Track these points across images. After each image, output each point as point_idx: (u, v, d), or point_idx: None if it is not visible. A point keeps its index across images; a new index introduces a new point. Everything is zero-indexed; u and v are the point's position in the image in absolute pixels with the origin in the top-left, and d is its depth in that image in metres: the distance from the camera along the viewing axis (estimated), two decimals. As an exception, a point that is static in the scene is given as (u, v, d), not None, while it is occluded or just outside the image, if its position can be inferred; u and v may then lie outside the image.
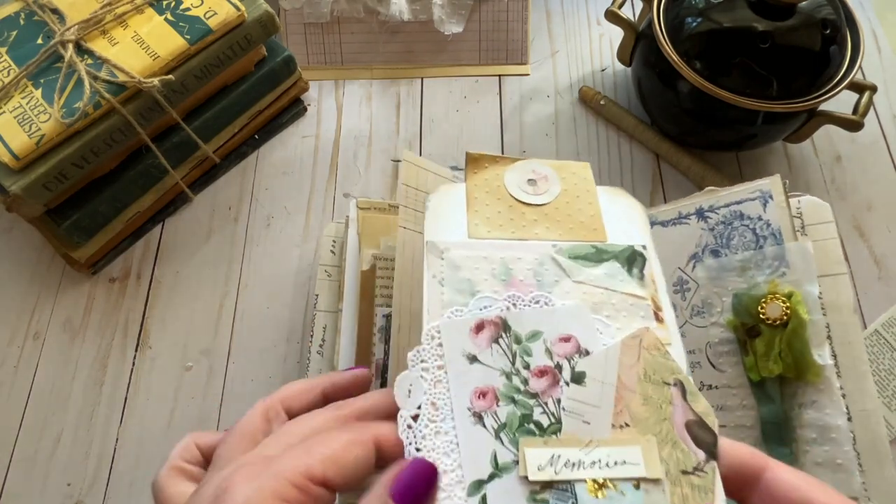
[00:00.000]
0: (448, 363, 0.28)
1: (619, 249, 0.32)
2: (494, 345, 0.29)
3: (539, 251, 0.32)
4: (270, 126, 0.62)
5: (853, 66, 0.51)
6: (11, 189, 0.46)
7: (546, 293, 0.30)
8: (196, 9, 0.51)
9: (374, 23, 0.64)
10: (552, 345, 0.29)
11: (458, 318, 0.29)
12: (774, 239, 0.39)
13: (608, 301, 0.30)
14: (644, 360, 0.28)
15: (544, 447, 0.26)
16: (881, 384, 0.50)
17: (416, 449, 0.26)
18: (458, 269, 0.31)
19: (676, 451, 0.26)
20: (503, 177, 0.34)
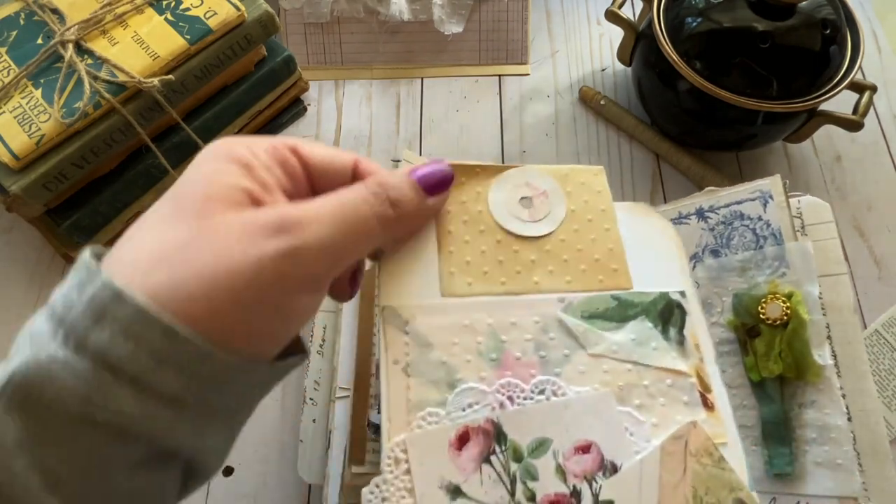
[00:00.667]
0: (420, 500, 0.20)
1: (649, 300, 0.23)
2: (485, 466, 0.20)
3: (541, 310, 0.23)
4: (270, 126, 0.62)
5: (853, 66, 0.51)
6: (11, 189, 0.46)
7: (553, 377, 0.22)
8: (196, 9, 0.51)
9: (374, 23, 0.64)
10: (566, 459, 0.21)
11: (432, 426, 0.21)
12: (774, 239, 0.39)
13: (640, 383, 0.22)
14: (692, 473, 0.20)
15: None
16: (881, 384, 0.50)
17: None
18: (429, 347, 0.22)
19: None
20: (487, 197, 0.25)
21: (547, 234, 0.25)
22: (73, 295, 0.21)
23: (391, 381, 0.22)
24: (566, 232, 0.25)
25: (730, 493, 0.20)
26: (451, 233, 0.24)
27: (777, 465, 0.36)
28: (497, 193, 0.25)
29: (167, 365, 0.20)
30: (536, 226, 0.25)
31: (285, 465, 0.48)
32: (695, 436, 0.21)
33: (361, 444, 0.42)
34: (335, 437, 0.42)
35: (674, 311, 0.23)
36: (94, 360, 0.19)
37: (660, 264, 0.25)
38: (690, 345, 0.23)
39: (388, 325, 0.23)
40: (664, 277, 0.24)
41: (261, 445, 0.49)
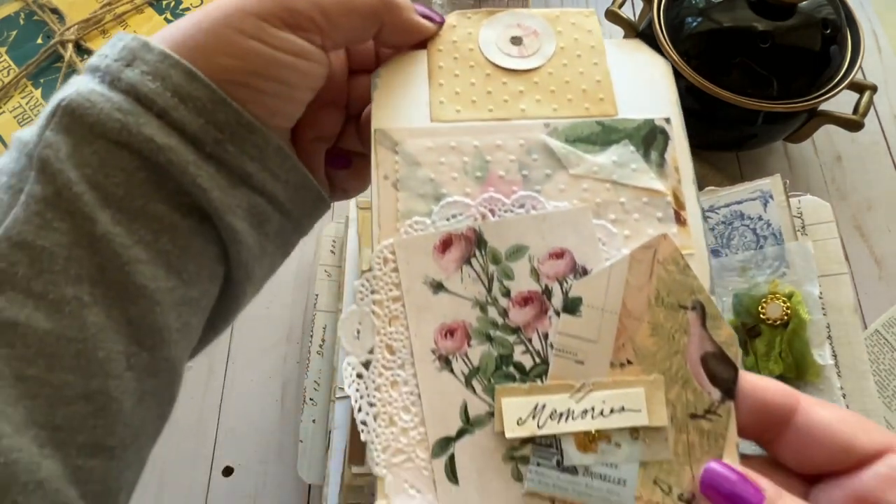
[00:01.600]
0: (406, 293, 0.22)
1: (633, 126, 0.24)
2: (465, 267, 0.23)
3: (526, 134, 0.24)
4: (270, 126, 0.62)
5: (853, 66, 0.51)
6: (11, 189, 0.46)
7: (534, 192, 0.23)
8: (196, 8, 0.51)
9: (374, 23, 0.64)
10: (540, 263, 0.23)
11: (418, 233, 0.23)
12: (775, 239, 0.39)
13: (616, 200, 0.23)
14: (657, 279, 0.22)
15: (526, 396, 0.21)
16: (881, 384, 0.50)
17: (368, 404, 0.22)
18: (417, 165, 0.24)
19: (687, 392, 0.21)
20: (478, 36, 0.26)
21: (535, 68, 0.26)
22: (107, 50, 0.23)
23: (381, 194, 0.24)
24: (555, 66, 0.26)
25: (690, 296, 0.22)
26: (442, 68, 0.26)
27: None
28: (487, 32, 0.26)
29: (188, 102, 0.22)
30: (525, 60, 0.26)
31: (285, 465, 0.48)
32: (664, 246, 0.22)
33: (361, 445, 0.41)
34: (335, 437, 0.42)
35: (657, 136, 0.25)
36: (126, 92, 0.22)
37: (647, 94, 0.26)
38: (670, 167, 0.24)
39: (380, 146, 0.24)
40: (650, 106, 0.25)
41: (261, 445, 0.49)
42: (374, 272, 0.23)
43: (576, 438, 0.21)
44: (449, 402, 0.22)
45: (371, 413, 0.22)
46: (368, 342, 0.22)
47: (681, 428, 0.21)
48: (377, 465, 0.22)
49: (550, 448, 0.21)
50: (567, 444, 0.21)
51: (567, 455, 0.21)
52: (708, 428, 0.21)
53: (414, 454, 0.21)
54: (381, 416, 0.22)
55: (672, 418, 0.21)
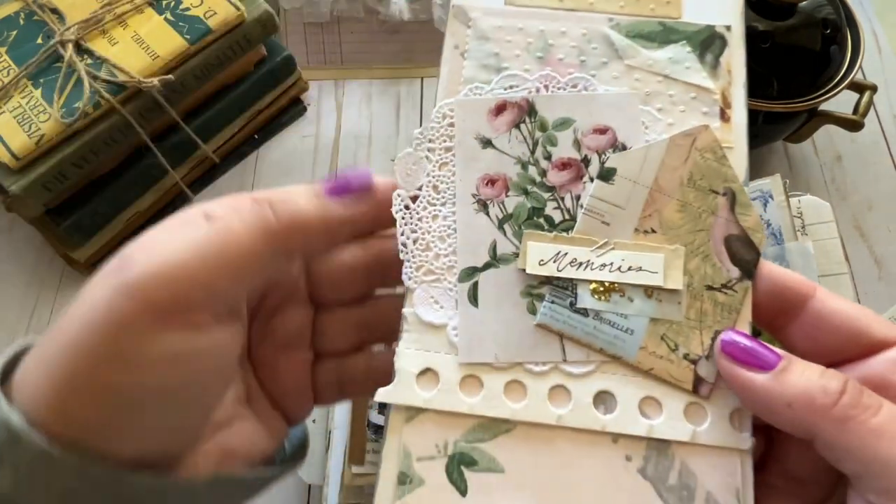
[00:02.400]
0: (458, 145, 0.24)
1: (693, 30, 0.25)
2: (514, 130, 0.25)
3: (589, 25, 0.25)
4: (270, 126, 0.62)
5: (853, 66, 0.51)
6: (11, 189, 0.46)
7: (588, 75, 0.25)
8: (196, 9, 0.51)
9: (374, 22, 0.64)
10: (583, 136, 0.24)
11: (476, 97, 0.25)
12: (775, 239, 0.39)
13: (665, 92, 0.24)
14: (693, 163, 0.23)
15: (551, 242, 0.23)
16: (881, 384, 0.50)
17: (411, 230, 0.24)
18: (485, 40, 0.25)
19: (706, 265, 0.23)
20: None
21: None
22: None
23: (449, 60, 0.26)
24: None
25: (723, 183, 0.23)
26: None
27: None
28: None
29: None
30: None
31: (285, 466, 0.48)
32: (705, 135, 0.24)
33: (361, 445, 0.42)
34: (335, 437, 0.42)
35: (715, 41, 0.25)
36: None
37: (711, 3, 0.26)
38: (723, 70, 0.25)
39: (454, 20, 0.26)
40: (715, 13, 0.26)
41: (261, 445, 0.49)
42: (432, 124, 0.25)
43: (591, 286, 0.23)
44: (480, 238, 0.24)
45: (411, 238, 0.24)
46: (418, 181, 0.24)
47: (696, 295, 0.22)
48: (410, 280, 0.24)
49: (566, 290, 0.23)
50: (582, 289, 0.23)
51: (580, 298, 0.22)
52: (723, 300, 0.22)
53: (443, 276, 0.24)
54: (420, 241, 0.24)
55: (689, 286, 0.22)
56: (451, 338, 0.23)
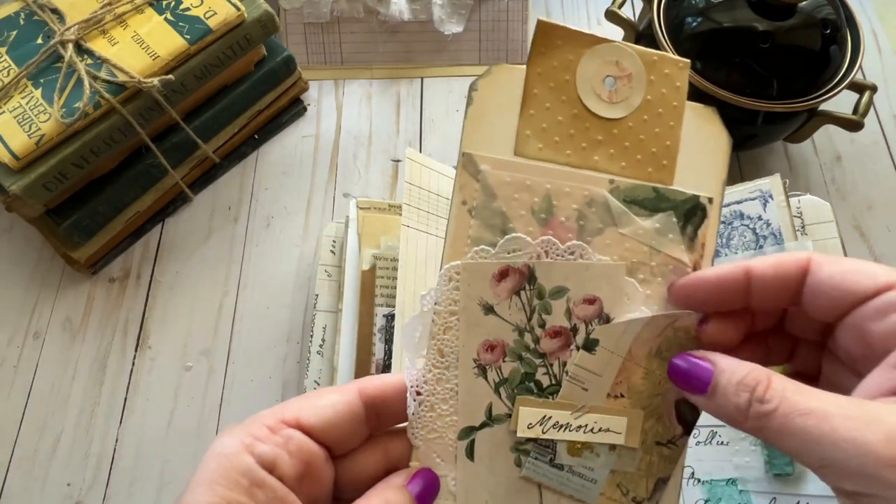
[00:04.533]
0: (462, 311, 0.26)
1: (681, 199, 0.27)
2: (515, 297, 0.27)
3: (593, 187, 0.27)
4: (270, 126, 0.62)
5: (853, 66, 0.51)
6: (11, 189, 0.46)
7: (584, 243, 0.27)
8: (196, 9, 0.51)
9: (374, 23, 0.64)
10: (575, 305, 0.27)
11: (482, 261, 0.27)
12: (774, 238, 0.39)
13: (648, 262, 0.27)
14: (664, 337, 0.26)
15: (539, 407, 0.27)
16: (881, 384, 0.50)
17: (416, 392, 0.26)
18: (493, 197, 0.27)
19: (658, 425, 0.27)
20: (577, 66, 0.27)
21: (619, 118, 0.27)
22: None
23: (457, 217, 0.27)
24: (636, 120, 0.27)
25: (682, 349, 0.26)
26: (536, 95, 0.27)
27: (777, 465, 0.36)
28: (587, 65, 0.27)
29: None
30: (613, 108, 0.27)
31: (285, 465, 0.48)
32: (686, 319, 0.26)
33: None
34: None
35: (697, 212, 0.27)
36: None
37: (703, 168, 0.27)
38: (699, 243, 0.27)
39: (464, 171, 0.27)
40: (701, 182, 0.27)
41: (261, 445, 0.49)
42: (439, 287, 0.27)
43: (568, 445, 0.26)
44: (479, 401, 0.27)
45: (418, 400, 0.27)
46: (424, 344, 0.27)
47: (647, 450, 0.27)
48: (415, 438, 0.27)
49: (548, 448, 0.26)
50: (561, 447, 0.26)
51: (559, 455, 0.26)
52: (667, 454, 0.27)
53: (445, 435, 0.27)
54: (425, 403, 0.27)
55: (643, 442, 0.26)
56: (450, 487, 0.26)
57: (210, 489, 0.22)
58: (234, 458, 0.23)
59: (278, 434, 0.24)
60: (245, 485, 0.22)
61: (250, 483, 0.23)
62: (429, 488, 0.26)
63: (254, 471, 0.23)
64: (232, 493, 0.22)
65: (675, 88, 0.27)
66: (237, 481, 0.22)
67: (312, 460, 0.25)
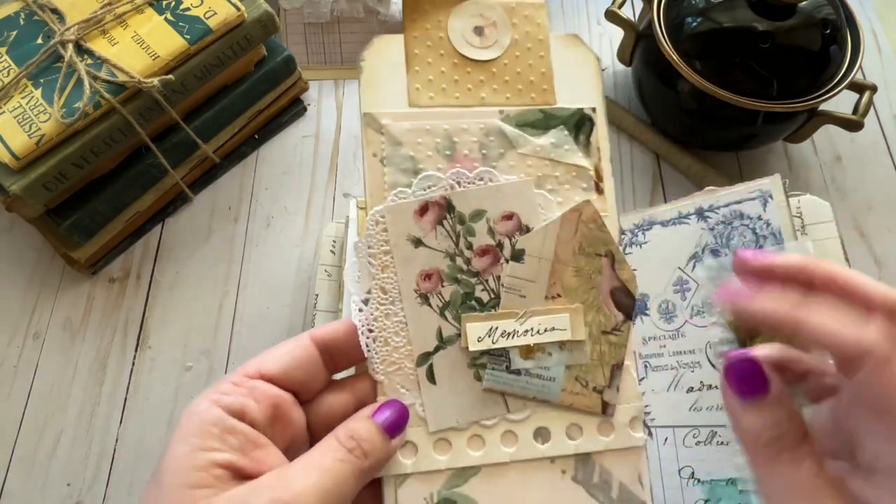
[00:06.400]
0: (394, 248, 0.29)
1: (567, 114, 0.31)
2: (439, 227, 0.29)
3: (485, 119, 0.30)
4: (270, 126, 0.62)
5: (853, 66, 0.51)
6: (11, 189, 0.46)
7: (491, 168, 0.30)
8: (196, 9, 0.51)
9: (374, 23, 0.64)
10: (495, 223, 0.29)
11: (402, 201, 0.29)
12: (774, 239, 0.39)
13: (552, 174, 0.30)
14: (581, 234, 0.29)
15: (483, 321, 0.29)
16: (881, 384, 0.50)
17: (368, 329, 0.28)
18: (399, 145, 0.30)
19: (599, 315, 0.29)
20: (447, 25, 0.31)
21: (494, 59, 0.31)
22: None
23: (371, 169, 0.30)
24: (509, 57, 0.31)
25: (604, 246, 0.29)
26: (417, 55, 0.31)
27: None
28: (455, 22, 0.31)
29: None
30: (486, 51, 0.31)
31: (285, 465, 0.48)
32: (587, 209, 0.29)
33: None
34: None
35: (585, 122, 0.31)
36: None
37: (579, 85, 0.31)
38: (594, 147, 0.31)
39: (368, 128, 0.30)
40: (581, 96, 0.31)
41: (261, 445, 0.49)
42: (368, 232, 0.29)
43: (519, 350, 0.29)
44: (428, 327, 0.29)
45: (370, 336, 0.28)
46: (366, 285, 0.29)
47: (595, 341, 0.29)
48: (377, 374, 0.28)
49: (501, 357, 0.29)
50: (513, 354, 0.28)
51: (513, 361, 0.28)
52: (614, 340, 0.29)
53: (403, 365, 0.28)
54: (379, 339, 0.28)
55: (589, 335, 0.29)
56: (419, 413, 0.28)
57: (185, 442, 0.24)
58: (205, 413, 0.25)
59: (243, 386, 0.26)
60: (216, 433, 0.24)
61: (221, 431, 0.24)
62: (396, 418, 0.27)
63: (224, 419, 0.25)
64: (205, 441, 0.24)
65: (537, 25, 0.31)
66: (209, 431, 0.24)
67: (280, 404, 0.26)
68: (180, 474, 0.23)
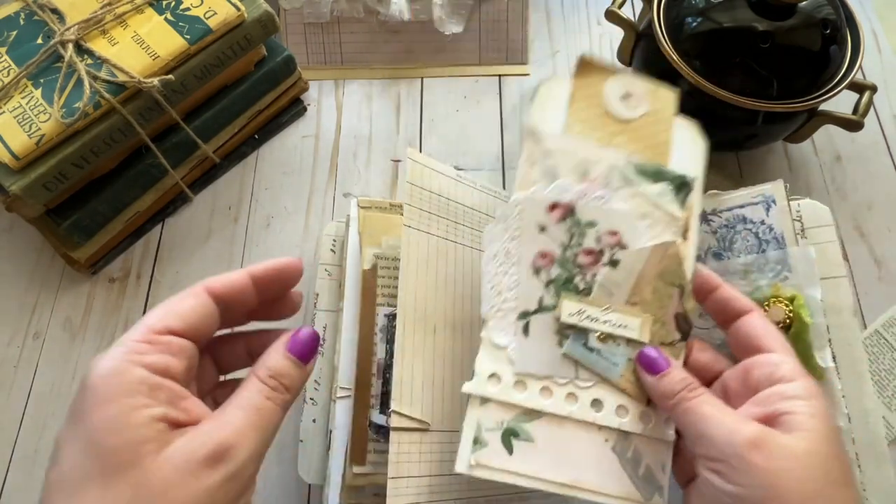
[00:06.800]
0: (524, 227, 0.36)
1: (674, 175, 0.38)
2: (561, 223, 0.37)
3: (614, 160, 0.38)
4: (270, 126, 0.62)
5: (853, 66, 0.51)
6: (11, 189, 0.46)
7: (609, 194, 0.37)
8: (196, 9, 0.51)
9: (374, 23, 0.64)
10: (602, 235, 0.37)
11: (539, 195, 0.37)
12: (777, 243, 0.39)
13: (653, 213, 0.37)
14: (663, 264, 0.36)
15: (577, 302, 0.36)
16: (881, 384, 0.50)
17: (489, 280, 0.36)
18: (549, 155, 0.37)
19: (663, 329, 0.36)
20: (604, 86, 0.39)
21: (631, 119, 0.39)
22: None
23: (524, 166, 0.37)
24: (643, 122, 0.39)
25: (678, 280, 0.36)
26: (578, 99, 0.39)
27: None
28: (611, 86, 0.39)
29: None
30: (628, 113, 0.39)
31: (285, 465, 0.48)
32: (673, 248, 0.36)
33: (362, 444, 0.42)
34: (335, 437, 0.42)
35: (685, 186, 0.38)
36: None
37: (687, 158, 0.39)
38: (688, 206, 0.38)
39: (529, 137, 0.38)
40: (688, 166, 0.39)
41: (261, 445, 0.49)
42: (508, 210, 0.37)
43: (598, 334, 0.35)
44: (534, 293, 0.36)
45: (490, 285, 0.36)
46: (496, 247, 0.36)
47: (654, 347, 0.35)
48: (487, 313, 0.36)
49: (582, 334, 0.35)
50: (592, 335, 0.35)
51: (590, 340, 0.35)
52: (669, 352, 0.35)
53: (508, 315, 0.36)
54: (496, 288, 0.36)
55: (651, 340, 0.35)
56: (510, 355, 0.35)
57: (113, 403, 0.24)
58: (125, 374, 0.25)
59: (159, 343, 0.26)
60: (145, 391, 0.24)
61: (150, 388, 0.25)
62: (307, 345, 0.30)
63: (149, 378, 0.25)
64: (136, 399, 0.24)
65: (667, 106, 0.40)
66: (136, 390, 0.24)
67: (192, 355, 0.28)
68: (121, 432, 0.23)
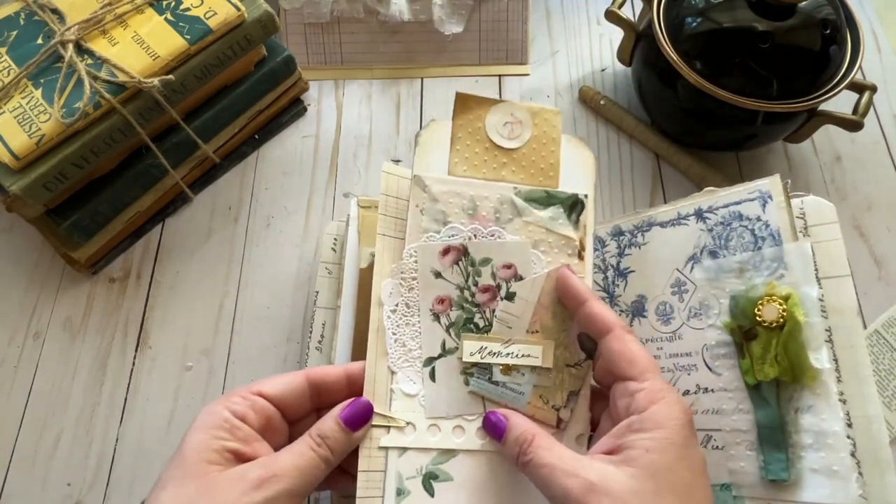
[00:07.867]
0: (420, 276, 0.38)
1: (564, 197, 0.40)
2: (455, 266, 0.38)
3: (502, 192, 0.40)
4: (270, 126, 0.62)
5: (853, 66, 0.51)
6: (11, 189, 0.46)
7: (501, 228, 0.39)
8: (196, 9, 0.51)
9: (374, 23, 0.64)
10: (497, 270, 0.38)
11: (431, 242, 0.38)
12: (773, 240, 0.38)
13: (546, 239, 0.39)
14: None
15: (477, 341, 0.37)
16: (881, 384, 0.50)
17: (392, 333, 0.38)
18: (436, 201, 0.39)
19: (566, 352, 0.38)
20: (485, 119, 0.41)
21: (516, 148, 0.41)
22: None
23: (413, 215, 0.39)
24: (528, 149, 0.41)
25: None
26: (460, 137, 0.40)
27: (772, 470, 0.35)
28: (491, 117, 0.41)
29: None
30: (511, 142, 0.41)
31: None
32: (556, 272, 0.38)
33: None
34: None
35: (577, 205, 0.40)
36: None
37: (578, 176, 0.41)
38: (581, 225, 0.40)
39: (415, 186, 0.39)
40: (579, 184, 0.41)
41: (260, 445, 0.49)
42: (403, 261, 0.38)
43: (501, 367, 0.37)
44: (436, 338, 0.38)
45: (393, 338, 0.37)
46: (395, 300, 0.38)
47: (559, 370, 0.38)
48: (394, 365, 0.37)
49: (486, 370, 0.37)
50: (496, 369, 0.37)
51: (494, 375, 0.37)
52: (574, 373, 0.38)
53: (414, 363, 0.37)
54: (399, 341, 0.37)
55: (555, 365, 0.37)
56: (420, 402, 0.37)
57: (204, 431, 0.33)
58: (217, 413, 0.33)
59: (247, 399, 0.34)
60: (227, 427, 0.33)
61: (230, 427, 0.33)
62: (356, 414, 0.35)
63: (231, 419, 0.33)
64: (218, 432, 0.32)
65: (553, 127, 0.41)
66: (221, 425, 0.33)
67: (271, 416, 0.35)
68: (200, 452, 0.32)
